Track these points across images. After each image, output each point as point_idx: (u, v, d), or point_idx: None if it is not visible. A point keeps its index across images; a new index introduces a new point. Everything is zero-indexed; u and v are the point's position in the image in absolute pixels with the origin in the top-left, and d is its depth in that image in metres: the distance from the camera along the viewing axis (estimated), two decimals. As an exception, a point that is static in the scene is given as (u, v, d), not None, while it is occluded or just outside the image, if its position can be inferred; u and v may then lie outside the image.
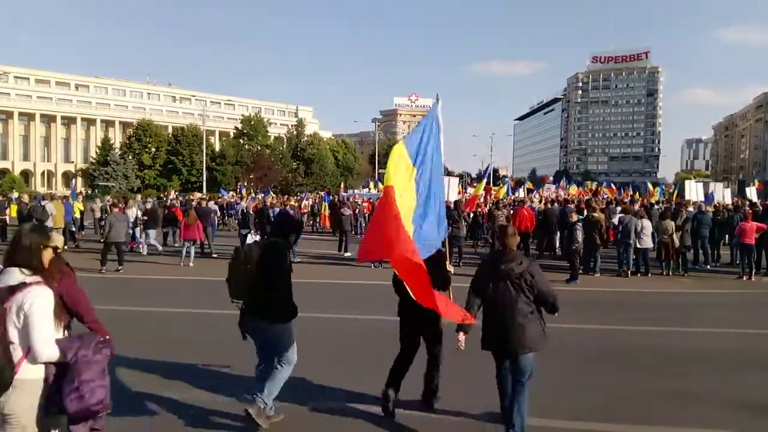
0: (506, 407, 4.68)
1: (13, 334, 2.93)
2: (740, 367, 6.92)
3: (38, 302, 2.95)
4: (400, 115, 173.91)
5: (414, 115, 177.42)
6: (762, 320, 9.78)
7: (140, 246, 18.31)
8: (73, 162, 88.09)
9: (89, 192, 58.88)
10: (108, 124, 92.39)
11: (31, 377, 2.96)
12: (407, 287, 4.48)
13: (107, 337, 3.30)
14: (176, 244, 19.14)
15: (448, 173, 77.10)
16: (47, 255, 3.18)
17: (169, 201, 25.67)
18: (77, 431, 3.17)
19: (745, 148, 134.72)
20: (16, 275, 3.02)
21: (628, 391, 5.98)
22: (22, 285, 2.98)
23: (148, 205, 20.25)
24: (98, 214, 23.03)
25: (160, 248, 17.32)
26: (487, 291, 4.69)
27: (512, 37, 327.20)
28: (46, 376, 3.01)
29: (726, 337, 8.59)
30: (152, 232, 17.46)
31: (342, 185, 55.18)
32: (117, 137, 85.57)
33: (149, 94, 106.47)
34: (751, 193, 31.28)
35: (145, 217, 18.07)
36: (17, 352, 2.92)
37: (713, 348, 7.85)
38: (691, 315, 10.30)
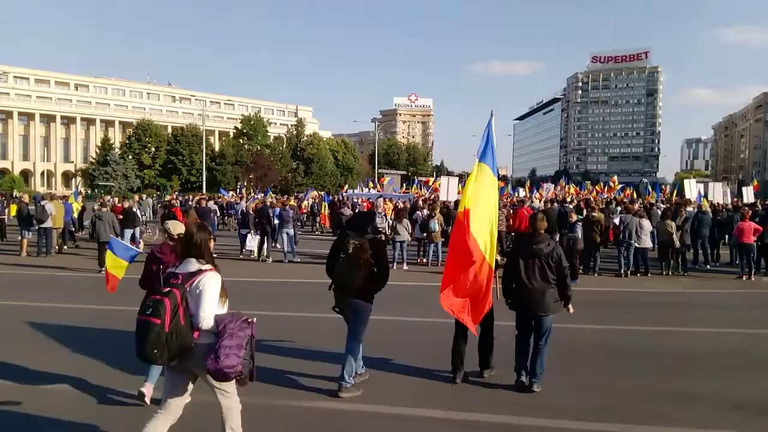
0: (520, 367, 5.97)
1: (192, 307, 3.73)
2: (741, 368, 6.91)
3: (211, 284, 3.79)
4: (400, 114, 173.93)
5: (413, 115, 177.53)
6: (762, 320, 9.77)
7: (139, 245, 18.29)
8: (72, 162, 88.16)
9: (89, 192, 58.91)
10: (108, 123, 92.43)
11: (203, 342, 3.74)
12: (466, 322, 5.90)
13: (254, 319, 3.89)
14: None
15: (448, 173, 77.19)
16: (210, 248, 4.05)
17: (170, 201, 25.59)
18: (242, 385, 3.97)
19: (745, 148, 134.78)
20: (193, 264, 3.87)
21: (628, 392, 5.97)
22: (200, 271, 3.81)
23: (125, 204, 19.60)
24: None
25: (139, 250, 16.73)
26: (519, 266, 5.86)
27: (512, 37, 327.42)
28: (207, 341, 3.74)
29: (726, 337, 8.58)
30: (128, 232, 16.74)
31: (346, 185, 55.20)
32: (117, 137, 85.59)
33: (149, 93, 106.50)
34: (748, 193, 31.26)
35: (120, 216, 17.50)
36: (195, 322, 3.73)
37: (713, 348, 7.85)
38: (691, 315, 10.31)
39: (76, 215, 21.47)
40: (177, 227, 5.39)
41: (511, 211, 19.05)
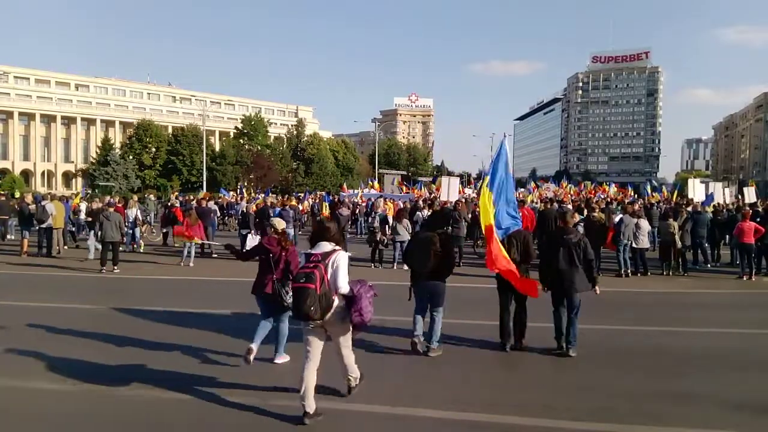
0: (559, 335, 7.33)
1: (331, 277, 4.97)
2: (741, 368, 6.91)
3: (343, 260, 5.10)
4: (400, 115, 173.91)
5: (414, 115, 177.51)
6: (762, 320, 9.77)
7: (139, 245, 18.33)
8: (73, 162, 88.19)
9: (89, 192, 58.87)
10: (108, 124, 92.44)
11: (337, 303, 4.99)
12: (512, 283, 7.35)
13: (371, 284, 5.21)
14: (176, 245, 19.15)
15: (449, 173, 77.19)
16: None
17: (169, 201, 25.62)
18: (355, 335, 5.35)
19: (746, 148, 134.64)
20: (327, 246, 5.16)
21: (628, 392, 5.97)
22: (333, 251, 5.10)
23: (94, 205, 19.16)
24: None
25: (91, 256, 16.06)
26: (552, 253, 7.27)
27: (512, 37, 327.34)
28: (341, 303, 5.04)
29: (726, 337, 8.59)
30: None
31: (344, 185, 55.22)
32: (117, 137, 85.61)
33: (149, 94, 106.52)
34: (750, 193, 31.27)
35: (89, 219, 16.85)
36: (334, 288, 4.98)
37: (714, 348, 7.85)
38: (691, 315, 10.31)
39: (83, 215, 21.48)
40: (280, 224, 6.99)
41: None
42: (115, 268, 14.05)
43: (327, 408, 5.36)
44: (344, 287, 5.00)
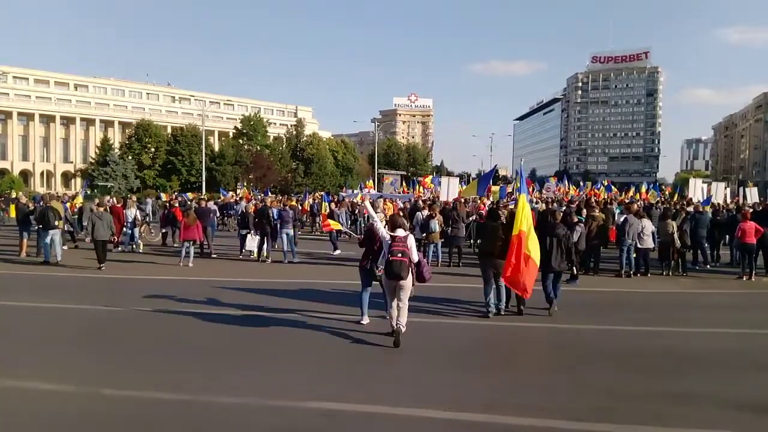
0: (548, 295, 9.68)
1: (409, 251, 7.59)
2: (741, 368, 6.90)
3: (413, 240, 7.84)
4: (400, 115, 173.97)
5: (413, 115, 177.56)
6: (762, 321, 9.76)
7: (138, 245, 18.31)
8: (72, 162, 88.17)
9: (88, 192, 58.77)
10: (107, 124, 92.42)
11: (411, 268, 7.65)
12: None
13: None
14: (175, 245, 19.14)
15: (448, 173, 77.13)
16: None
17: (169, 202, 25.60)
18: (416, 292, 8.12)
19: (745, 148, 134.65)
20: (402, 232, 7.77)
21: (628, 392, 5.96)
22: (407, 235, 7.77)
23: (53, 203, 17.11)
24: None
25: (51, 258, 15.41)
26: (542, 240, 9.44)
27: (512, 37, 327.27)
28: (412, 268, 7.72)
29: (726, 337, 8.58)
30: (49, 234, 15.32)
31: (345, 186, 55.20)
32: (116, 137, 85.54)
33: (148, 94, 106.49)
34: (752, 193, 31.30)
35: (40, 226, 15.58)
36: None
37: (713, 348, 7.84)
38: (691, 315, 10.30)
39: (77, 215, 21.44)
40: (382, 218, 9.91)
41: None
42: (102, 266, 14.25)
43: (328, 408, 5.35)
44: (415, 258, 7.77)
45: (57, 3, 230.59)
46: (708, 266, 15.80)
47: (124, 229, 18.36)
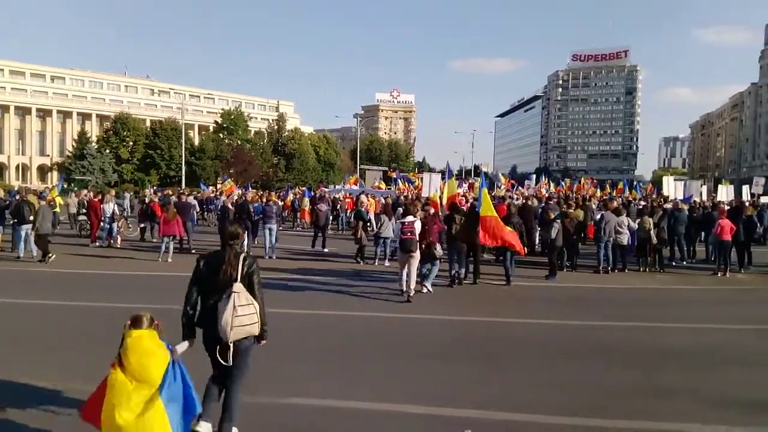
0: (507, 271, 12.40)
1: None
2: (719, 363, 7.02)
3: (419, 224, 10.77)
4: (382, 110, 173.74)
5: (396, 111, 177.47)
6: (738, 316, 9.95)
7: (116, 240, 18.05)
8: (48, 155, 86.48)
9: (65, 186, 57.74)
10: (84, 117, 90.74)
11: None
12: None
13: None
14: (154, 240, 18.91)
15: (430, 170, 77.28)
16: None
17: (147, 197, 25.24)
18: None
19: (721, 147, 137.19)
20: (411, 218, 10.65)
21: (609, 387, 6.03)
22: (414, 220, 10.64)
23: (28, 196, 16.93)
24: (73, 209, 22.68)
25: (21, 254, 14.96)
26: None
27: (495, 35, 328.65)
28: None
29: (704, 332, 8.71)
30: (22, 228, 14.98)
31: (326, 181, 54.99)
32: (93, 130, 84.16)
33: (127, 86, 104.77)
34: (726, 191, 31.89)
35: (15, 220, 15.15)
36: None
37: (691, 343, 7.97)
38: (669, 311, 10.45)
39: (58, 209, 21.06)
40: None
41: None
42: (50, 256, 14.31)
43: (316, 405, 5.33)
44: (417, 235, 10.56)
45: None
46: (684, 262, 16.06)
47: (102, 224, 18.08)
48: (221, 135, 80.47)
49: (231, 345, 4.26)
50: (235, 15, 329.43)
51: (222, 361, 4.29)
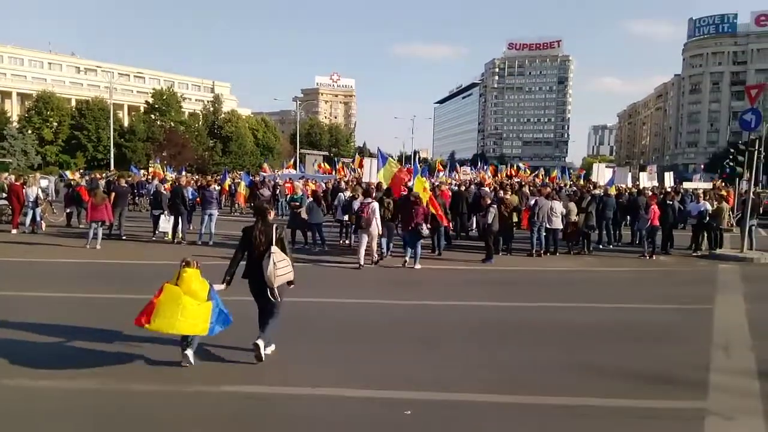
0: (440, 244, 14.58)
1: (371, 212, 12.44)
2: (642, 340, 7.43)
3: (376, 204, 12.58)
4: (322, 94, 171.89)
5: (336, 95, 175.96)
6: (660, 296, 10.57)
7: (40, 226, 17.14)
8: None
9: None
10: (4, 95, 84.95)
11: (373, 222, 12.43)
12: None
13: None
14: (81, 226, 18.08)
15: (370, 155, 77.26)
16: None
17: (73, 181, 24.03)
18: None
19: (646, 135, 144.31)
20: (369, 199, 12.63)
21: (536, 364, 6.29)
22: (371, 201, 12.48)
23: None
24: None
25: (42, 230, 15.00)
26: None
27: (435, 21, 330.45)
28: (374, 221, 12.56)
29: (627, 311, 9.20)
30: None
31: (265, 165, 54.02)
32: (14, 110, 79.16)
33: (50, 63, 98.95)
34: (670, 178, 34.45)
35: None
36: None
37: (616, 322, 8.41)
38: (596, 292, 10.97)
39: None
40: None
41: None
42: None
43: (249, 392, 5.30)
44: (377, 216, 12.17)
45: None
46: (611, 246, 16.86)
47: (24, 209, 17.12)
48: (153, 116, 77.27)
49: (275, 288, 5.94)
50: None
51: (272, 298, 6.00)
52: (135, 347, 6.38)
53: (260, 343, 5.86)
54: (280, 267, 5.90)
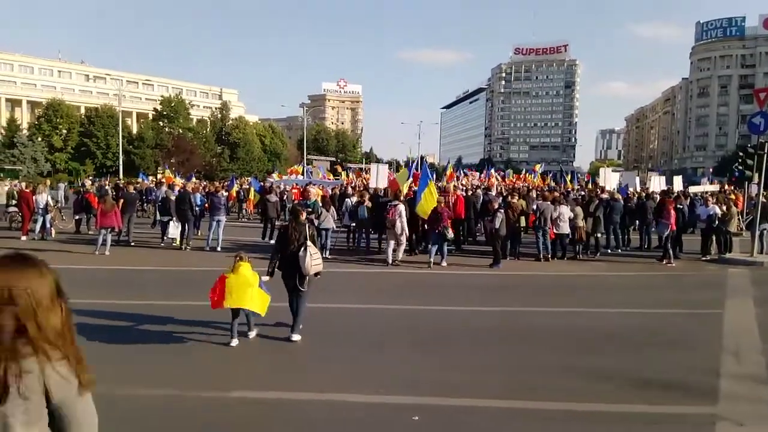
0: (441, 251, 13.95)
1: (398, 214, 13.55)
2: (648, 345, 7.39)
3: (402, 207, 13.70)
4: (329, 100, 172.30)
5: (342, 101, 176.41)
6: (669, 300, 10.48)
7: (49, 233, 17.27)
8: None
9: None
10: (14, 103, 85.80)
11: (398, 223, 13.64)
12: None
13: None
14: (90, 232, 18.20)
15: (377, 160, 77.41)
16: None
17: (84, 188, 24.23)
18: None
19: (654, 139, 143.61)
20: (395, 202, 13.98)
21: (545, 369, 6.26)
22: (398, 203, 13.77)
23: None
24: (2, 200, 21.57)
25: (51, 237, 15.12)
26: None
27: (442, 27, 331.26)
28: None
29: (635, 316, 9.14)
30: None
31: (274, 173, 54.14)
32: (24, 117, 79.81)
33: (60, 71, 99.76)
34: (661, 182, 33.91)
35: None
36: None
37: (624, 326, 8.35)
38: (603, 296, 10.91)
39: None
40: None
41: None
42: None
43: (255, 397, 5.31)
44: (404, 219, 12.94)
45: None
46: (619, 250, 16.75)
47: (34, 215, 17.26)
48: (161, 123, 77.69)
49: (308, 277, 7.01)
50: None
51: (300, 288, 7.04)
52: (143, 352, 6.42)
53: (295, 329, 7.02)
54: (315, 258, 6.96)
